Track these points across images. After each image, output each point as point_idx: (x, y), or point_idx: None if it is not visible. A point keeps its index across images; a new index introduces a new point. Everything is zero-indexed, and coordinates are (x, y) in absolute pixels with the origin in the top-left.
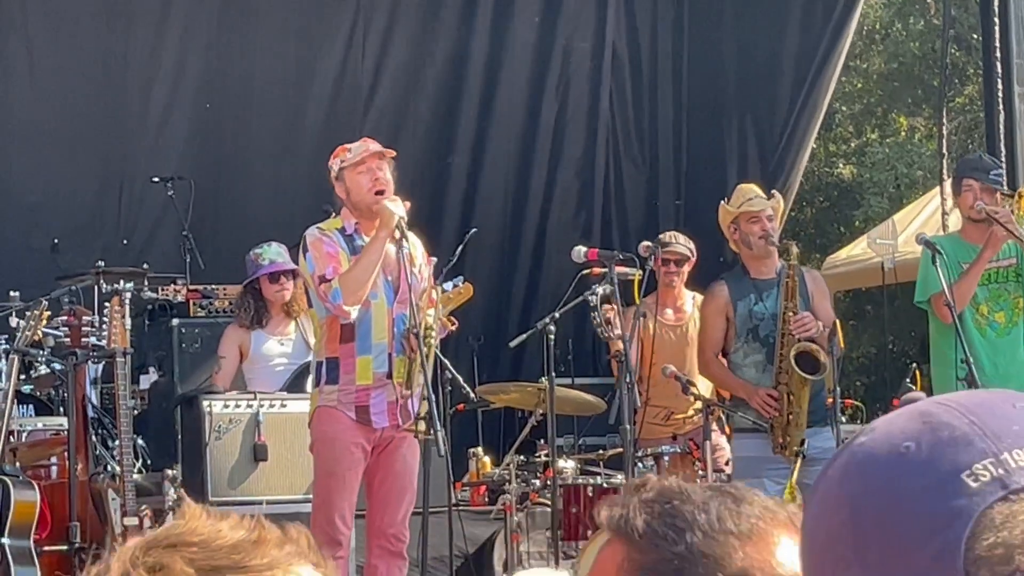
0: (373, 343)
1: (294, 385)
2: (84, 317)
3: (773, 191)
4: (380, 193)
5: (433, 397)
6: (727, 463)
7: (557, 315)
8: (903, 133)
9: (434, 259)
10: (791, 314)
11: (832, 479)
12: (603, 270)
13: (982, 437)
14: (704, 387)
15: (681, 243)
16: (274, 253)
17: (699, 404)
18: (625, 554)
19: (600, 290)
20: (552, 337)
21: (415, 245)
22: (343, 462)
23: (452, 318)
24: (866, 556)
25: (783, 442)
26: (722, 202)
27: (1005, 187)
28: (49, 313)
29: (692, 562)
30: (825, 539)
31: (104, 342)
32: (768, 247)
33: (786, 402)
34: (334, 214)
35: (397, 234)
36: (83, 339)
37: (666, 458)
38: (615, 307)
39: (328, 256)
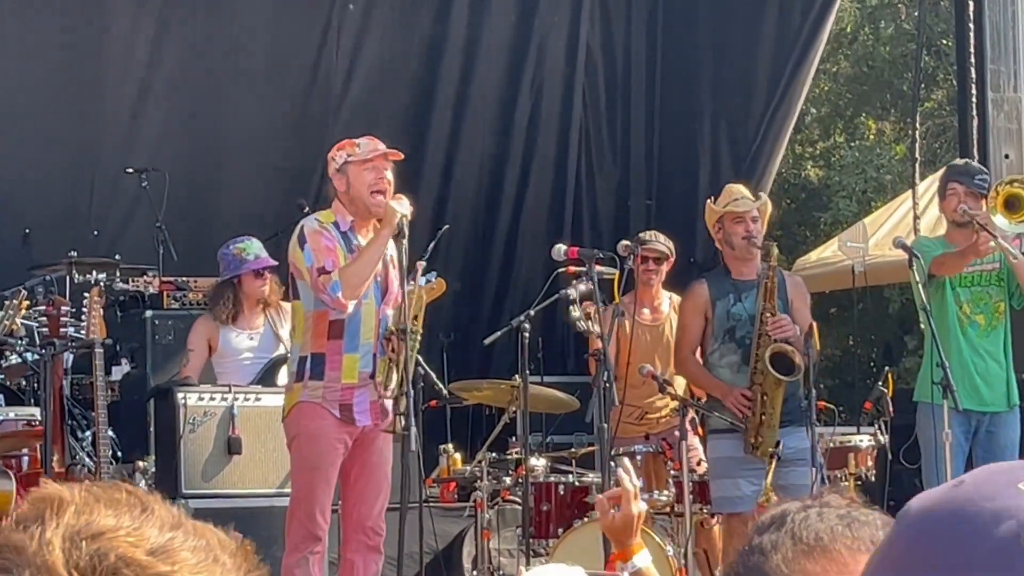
0: (361, 342)
1: (265, 379)
2: (63, 307)
3: (760, 193)
4: (380, 193)
5: (412, 393)
6: (699, 463)
7: (532, 313)
8: (872, 136)
9: (423, 263)
10: (768, 315)
11: (889, 534)
12: (579, 269)
13: None
14: (679, 388)
15: (661, 242)
16: (257, 248)
17: (675, 404)
18: None
19: (581, 286)
20: (527, 335)
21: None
22: (327, 457)
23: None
24: (937, 567)
25: (755, 442)
26: (708, 201)
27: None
28: (28, 303)
29: None
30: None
31: (81, 332)
32: (750, 248)
33: (759, 403)
34: (307, 208)
35: (397, 233)
36: (61, 329)
37: (639, 457)
38: (595, 305)
39: (327, 249)
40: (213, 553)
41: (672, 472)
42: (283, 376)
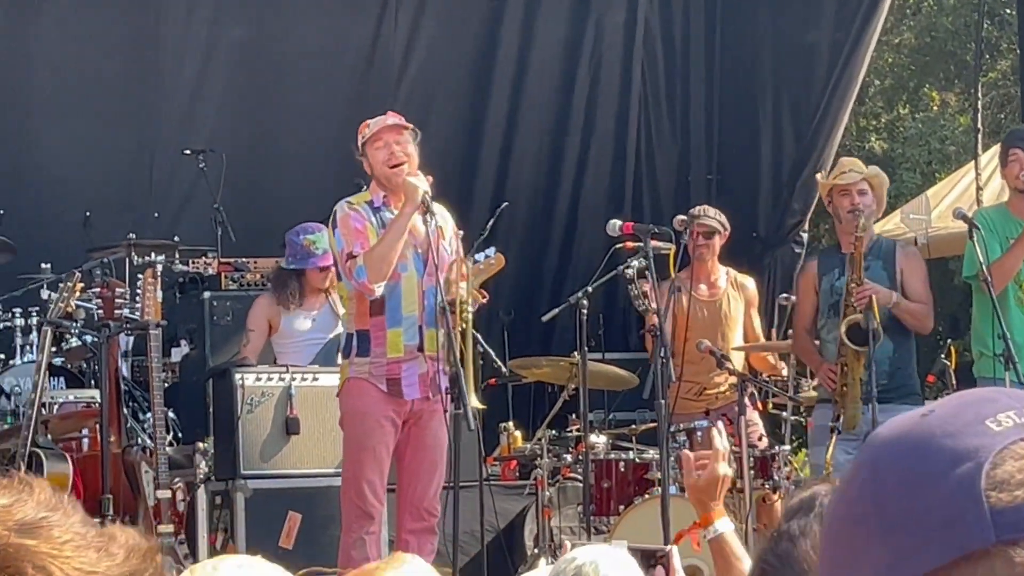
0: (403, 315)
1: (327, 359)
2: (117, 289)
3: (873, 167)
4: (396, 167)
5: (462, 372)
6: (760, 438)
7: (590, 289)
8: (935, 108)
9: (460, 232)
10: (854, 285)
11: (854, 460)
12: (637, 244)
13: (1008, 396)
14: (738, 362)
15: (711, 216)
16: (326, 242)
17: (734, 379)
18: None
19: (635, 263)
20: (585, 312)
21: (445, 219)
22: (374, 435)
23: (483, 291)
24: (886, 508)
25: (838, 414)
26: (818, 174)
27: None
28: (82, 285)
29: None
30: (845, 510)
31: (137, 314)
32: (855, 221)
33: (841, 374)
34: (365, 187)
35: (423, 208)
36: (116, 311)
37: (699, 433)
38: (650, 281)
39: (356, 232)
40: (99, 541)
41: (732, 448)
42: (341, 354)
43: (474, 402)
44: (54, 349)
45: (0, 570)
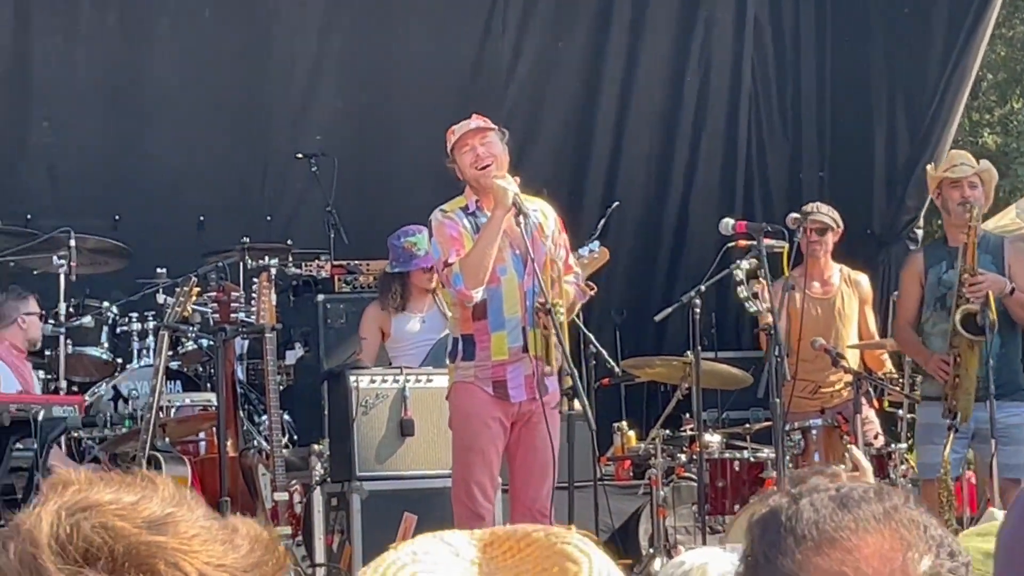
0: (506, 318)
1: (436, 359)
2: (233, 293)
3: (983, 160)
4: (484, 168)
5: (575, 371)
6: (876, 436)
7: (702, 288)
8: None
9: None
10: (967, 276)
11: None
12: (749, 242)
13: None
14: (853, 360)
15: (823, 213)
16: (427, 242)
17: (849, 377)
18: None
19: (745, 264)
20: (698, 311)
21: (545, 214)
22: (481, 437)
23: (591, 283)
24: None
25: (951, 407)
26: (928, 167)
27: None
28: (198, 289)
29: None
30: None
31: (252, 318)
32: (967, 213)
33: (953, 365)
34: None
35: (515, 210)
36: (232, 315)
37: (814, 432)
38: (763, 280)
39: (451, 239)
40: (224, 534)
41: (848, 446)
42: (447, 357)
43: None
44: (171, 353)
45: (134, 567)
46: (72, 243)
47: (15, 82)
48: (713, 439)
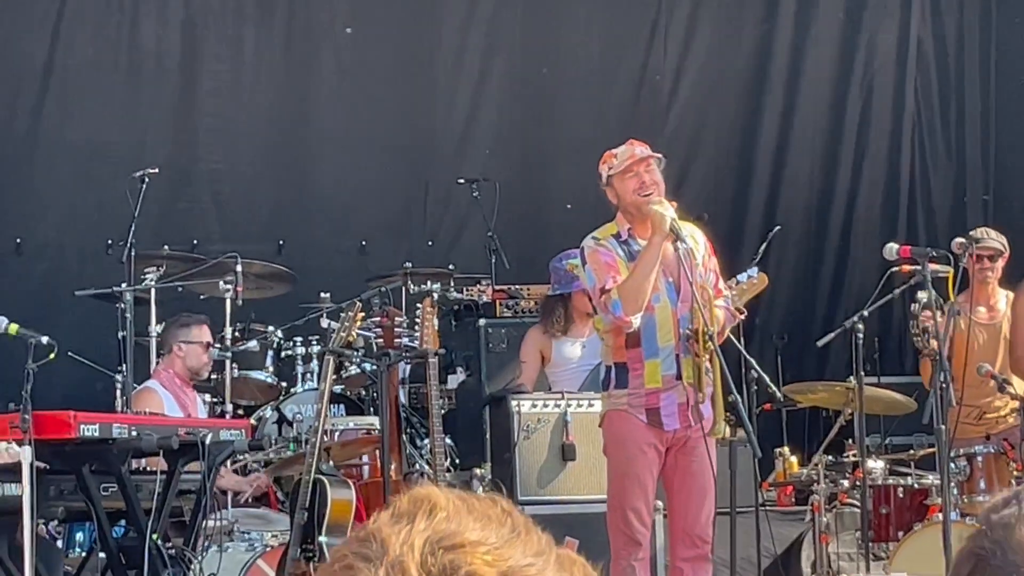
0: (660, 346)
1: (594, 384)
2: (396, 318)
3: None
4: (647, 196)
5: (738, 397)
6: None
7: (865, 313)
8: None
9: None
10: None
11: None
12: (913, 267)
13: None
14: (1020, 387)
15: (993, 238)
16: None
17: (1015, 403)
18: None
19: (922, 297)
20: (860, 336)
21: (696, 239)
22: (637, 462)
23: (741, 308)
24: None
25: None
26: None
27: None
28: (363, 314)
29: None
30: None
31: (415, 342)
32: None
33: None
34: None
35: (672, 236)
36: (395, 340)
37: (979, 458)
38: (933, 314)
39: (606, 266)
40: None
41: (1015, 473)
42: (601, 385)
43: (720, 429)
44: (335, 377)
45: None
46: (239, 268)
47: (182, 109)
48: (876, 465)
